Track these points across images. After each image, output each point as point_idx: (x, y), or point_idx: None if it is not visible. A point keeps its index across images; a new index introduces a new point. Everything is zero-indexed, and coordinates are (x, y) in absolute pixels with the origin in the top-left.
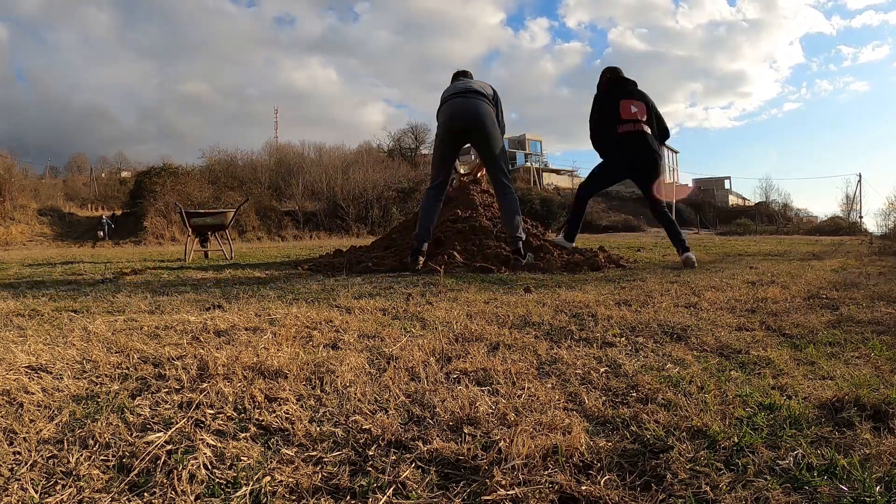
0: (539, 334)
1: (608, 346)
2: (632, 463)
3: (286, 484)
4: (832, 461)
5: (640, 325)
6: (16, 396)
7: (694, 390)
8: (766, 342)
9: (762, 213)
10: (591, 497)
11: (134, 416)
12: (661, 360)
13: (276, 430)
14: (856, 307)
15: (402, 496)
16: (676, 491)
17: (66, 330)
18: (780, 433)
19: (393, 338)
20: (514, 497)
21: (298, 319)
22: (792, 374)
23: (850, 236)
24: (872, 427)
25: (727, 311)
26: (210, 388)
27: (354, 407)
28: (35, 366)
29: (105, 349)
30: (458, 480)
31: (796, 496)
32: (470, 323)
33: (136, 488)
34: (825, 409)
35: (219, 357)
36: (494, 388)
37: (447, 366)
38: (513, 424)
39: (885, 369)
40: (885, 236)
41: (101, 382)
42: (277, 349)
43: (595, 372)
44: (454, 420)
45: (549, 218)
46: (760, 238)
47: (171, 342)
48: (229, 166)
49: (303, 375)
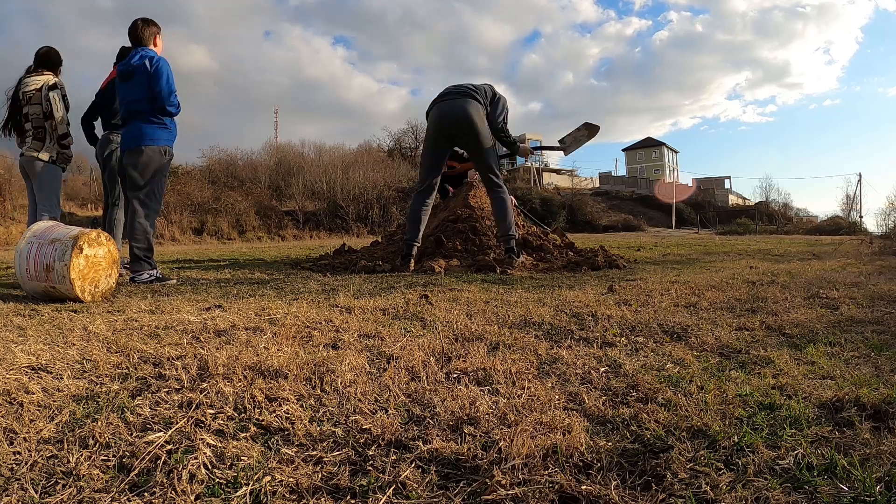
0: (539, 334)
1: (608, 346)
2: (632, 463)
3: (286, 484)
4: (832, 461)
5: (640, 324)
6: (16, 396)
7: (694, 390)
8: (766, 342)
9: (762, 213)
10: (591, 497)
11: (134, 416)
12: (661, 360)
13: (276, 430)
14: (856, 307)
15: (402, 496)
16: (676, 491)
17: (66, 330)
18: (780, 433)
19: (393, 337)
20: (514, 497)
21: (298, 319)
22: (792, 373)
23: (850, 236)
24: (872, 427)
25: (727, 311)
26: (210, 387)
27: (354, 407)
28: (35, 366)
29: (105, 349)
30: (458, 480)
31: (796, 496)
32: (470, 323)
33: (136, 488)
34: (825, 409)
35: (219, 357)
36: (494, 387)
37: (447, 365)
38: (513, 424)
39: (885, 369)
40: (885, 236)
41: (101, 382)
42: (277, 349)
43: (595, 372)
44: (454, 420)
45: (549, 218)
46: (760, 238)
47: (171, 342)
48: (229, 166)
49: (303, 375)
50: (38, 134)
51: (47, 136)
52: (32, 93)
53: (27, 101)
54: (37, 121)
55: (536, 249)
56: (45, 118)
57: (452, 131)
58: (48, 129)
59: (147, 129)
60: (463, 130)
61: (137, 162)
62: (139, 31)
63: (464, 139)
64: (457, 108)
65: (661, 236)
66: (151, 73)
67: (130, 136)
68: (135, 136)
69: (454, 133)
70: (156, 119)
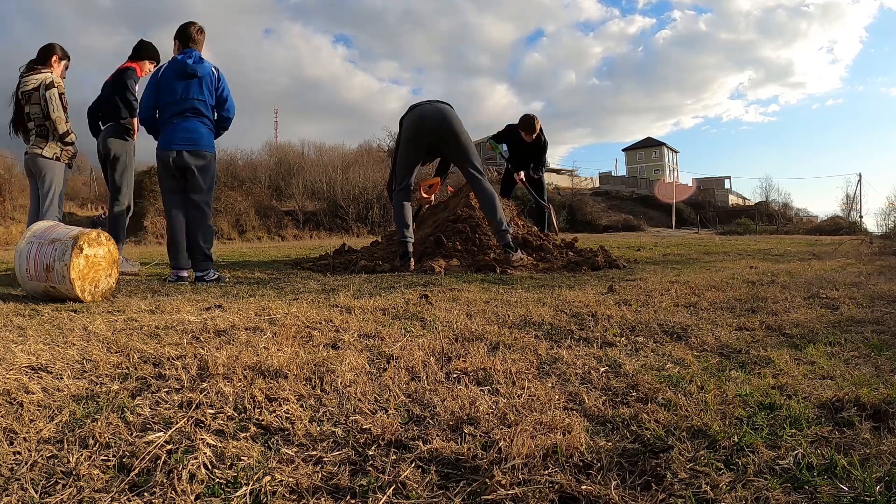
0: (539, 334)
1: (608, 346)
2: (632, 463)
3: (286, 484)
4: (832, 461)
5: (640, 324)
6: (16, 396)
7: (694, 390)
8: (766, 342)
9: (762, 213)
10: (591, 497)
11: (134, 416)
12: (661, 360)
13: (276, 430)
14: (856, 307)
15: (402, 496)
16: (676, 491)
17: (66, 330)
18: (780, 433)
19: (393, 337)
20: (514, 497)
21: (298, 319)
22: (792, 373)
23: (850, 236)
24: (872, 427)
25: (727, 311)
26: (210, 387)
27: (354, 407)
28: (35, 366)
29: (105, 349)
30: (458, 480)
31: (796, 496)
32: (470, 323)
33: (136, 488)
34: (825, 409)
35: (219, 357)
36: (494, 387)
37: (447, 365)
38: (513, 424)
39: (885, 369)
40: (885, 236)
41: (101, 382)
42: (277, 349)
43: (595, 372)
44: (454, 420)
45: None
46: (760, 238)
47: (171, 342)
48: (229, 166)
49: (303, 375)
50: (41, 132)
51: (49, 133)
52: (31, 91)
53: (27, 101)
54: (38, 119)
55: (536, 249)
56: (45, 117)
57: (432, 132)
58: (49, 128)
59: (208, 134)
60: (442, 128)
61: (202, 165)
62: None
63: (444, 138)
64: (435, 109)
65: (661, 236)
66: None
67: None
68: (194, 139)
69: (434, 133)
70: (212, 125)
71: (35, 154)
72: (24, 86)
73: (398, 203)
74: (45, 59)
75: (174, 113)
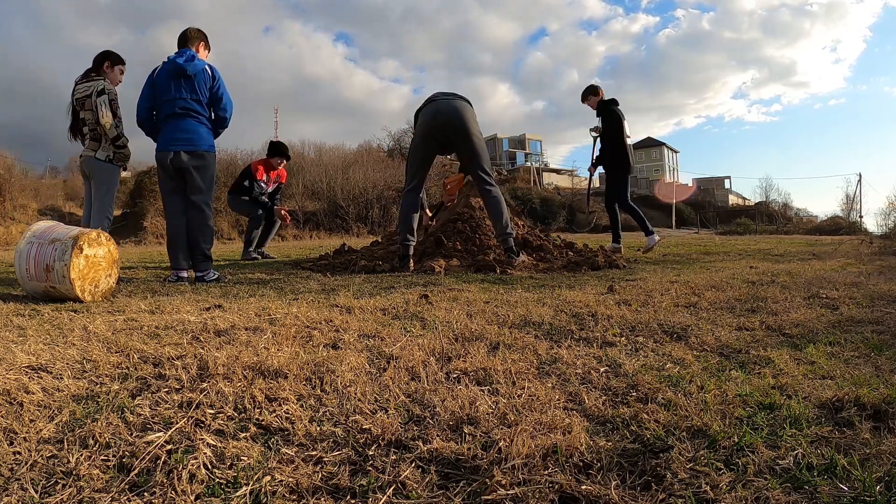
0: (539, 334)
1: (608, 346)
2: (632, 463)
3: (286, 484)
4: (832, 461)
5: (640, 324)
6: (16, 396)
7: (694, 390)
8: (766, 342)
9: (762, 213)
10: (591, 497)
11: (134, 416)
12: (661, 360)
13: (276, 430)
14: (856, 307)
15: (402, 496)
16: (676, 490)
17: (66, 330)
18: (780, 433)
19: (393, 337)
20: (514, 497)
21: (298, 319)
22: (792, 373)
23: (850, 236)
24: (872, 427)
25: (727, 311)
26: (210, 387)
27: (354, 407)
28: (35, 366)
29: (105, 349)
30: (458, 480)
31: (796, 496)
32: (470, 322)
33: (136, 488)
34: (825, 409)
35: (219, 357)
36: (494, 387)
37: (447, 365)
38: (513, 424)
39: (885, 369)
40: (885, 236)
41: (101, 382)
42: (277, 349)
43: (595, 372)
44: (454, 420)
45: (549, 218)
46: (760, 238)
47: (171, 342)
48: (229, 165)
49: (303, 375)
50: (95, 135)
51: (102, 137)
52: (84, 98)
53: (81, 107)
54: (91, 124)
55: (536, 249)
56: (97, 122)
57: (445, 129)
58: (101, 132)
59: (206, 133)
60: (455, 127)
61: (200, 166)
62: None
63: (455, 138)
64: (450, 106)
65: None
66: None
67: (186, 137)
68: (192, 140)
69: (446, 131)
70: (209, 123)
71: (88, 156)
72: (79, 93)
73: (405, 210)
74: (98, 67)
75: (169, 112)
